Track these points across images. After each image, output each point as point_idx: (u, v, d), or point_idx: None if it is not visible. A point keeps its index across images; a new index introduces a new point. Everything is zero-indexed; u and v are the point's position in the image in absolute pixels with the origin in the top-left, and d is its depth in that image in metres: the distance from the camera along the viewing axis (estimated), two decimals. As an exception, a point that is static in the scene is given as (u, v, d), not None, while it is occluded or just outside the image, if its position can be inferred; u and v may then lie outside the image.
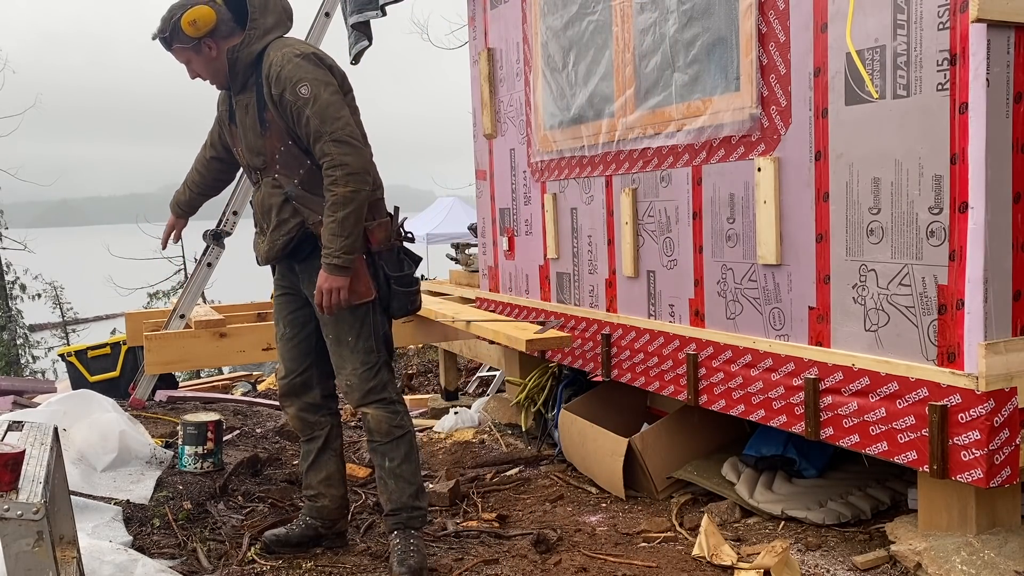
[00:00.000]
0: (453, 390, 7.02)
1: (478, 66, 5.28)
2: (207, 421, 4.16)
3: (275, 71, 2.93)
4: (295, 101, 2.90)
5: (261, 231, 3.22)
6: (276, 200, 3.08)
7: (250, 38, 3.01)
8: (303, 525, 3.30)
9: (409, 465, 3.12)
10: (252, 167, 3.16)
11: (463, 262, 6.93)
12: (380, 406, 3.10)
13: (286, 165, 3.04)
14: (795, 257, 3.14)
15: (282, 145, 3.02)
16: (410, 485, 3.11)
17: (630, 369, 4.06)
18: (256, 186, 3.19)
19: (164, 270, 23.39)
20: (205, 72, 3.10)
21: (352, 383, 3.09)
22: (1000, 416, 2.54)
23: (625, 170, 4.02)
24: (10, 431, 2.23)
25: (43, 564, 1.88)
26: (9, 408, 5.40)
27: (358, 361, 3.08)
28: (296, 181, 3.04)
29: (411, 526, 3.10)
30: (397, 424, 3.11)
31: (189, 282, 5.46)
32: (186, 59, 3.07)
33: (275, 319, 3.36)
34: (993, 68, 2.47)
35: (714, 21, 3.40)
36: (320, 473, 3.30)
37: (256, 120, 3.05)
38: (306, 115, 2.90)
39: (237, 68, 3.03)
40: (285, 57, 2.95)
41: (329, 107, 2.91)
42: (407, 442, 3.13)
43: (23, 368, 21.29)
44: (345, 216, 2.89)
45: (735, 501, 3.48)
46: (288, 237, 3.08)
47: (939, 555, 2.66)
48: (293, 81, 2.91)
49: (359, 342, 3.07)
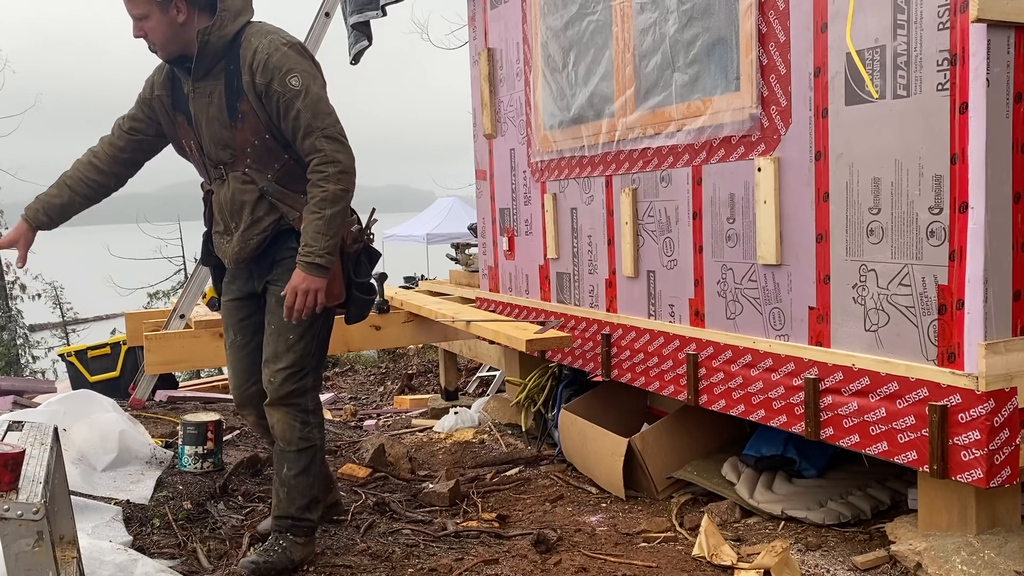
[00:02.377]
0: (453, 390, 7.03)
1: (478, 66, 5.28)
2: (207, 421, 4.16)
3: (261, 58, 2.74)
4: (284, 92, 2.74)
5: (226, 231, 3.00)
6: (249, 197, 2.89)
7: (223, 19, 2.78)
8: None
9: (306, 478, 3.02)
10: (215, 161, 2.92)
11: (463, 262, 6.93)
12: (291, 411, 2.99)
13: (259, 159, 2.86)
14: (795, 257, 3.14)
15: (256, 139, 2.84)
16: (302, 497, 3.02)
17: (630, 369, 4.06)
18: (218, 181, 2.97)
19: (164, 270, 23.41)
20: (159, 34, 2.77)
21: (274, 380, 2.96)
22: (1000, 416, 2.54)
23: (625, 170, 4.02)
24: (10, 431, 2.23)
25: (43, 564, 1.88)
26: (9, 408, 5.40)
27: (290, 361, 2.96)
28: (270, 176, 2.87)
29: (293, 531, 3.02)
30: (304, 436, 3.01)
31: (189, 282, 5.47)
32: (145, 12, 2.74)
33: (224, 326, 3.20)
34: (993, 68, 2.47)
35: (714, 21, 3.40)
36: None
37: (223, 110, 2.82)
38: (296, 107, 2.75)
39: (207, 52, 2.78)
40: (272, 44, 2.77)
41: (320, 102, 2.78)
42: (310, 455, 3.02)
43: (23, 368, 21.27)
44: (333, 215, 2.76)
45: (735, 501, 3.48)
46: (263, 236, 2.92)
47: (939, 555, 2.66)
48: (283, 71, 2.74)
49: (299, 343, 2.95)
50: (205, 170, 3.02)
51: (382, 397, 8.82)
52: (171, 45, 2.80)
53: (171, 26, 2.76)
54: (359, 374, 10.48)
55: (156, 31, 2.77)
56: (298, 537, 3.02)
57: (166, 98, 2.99)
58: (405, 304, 5.57)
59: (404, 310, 5.53)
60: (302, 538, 3.03)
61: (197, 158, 3.01)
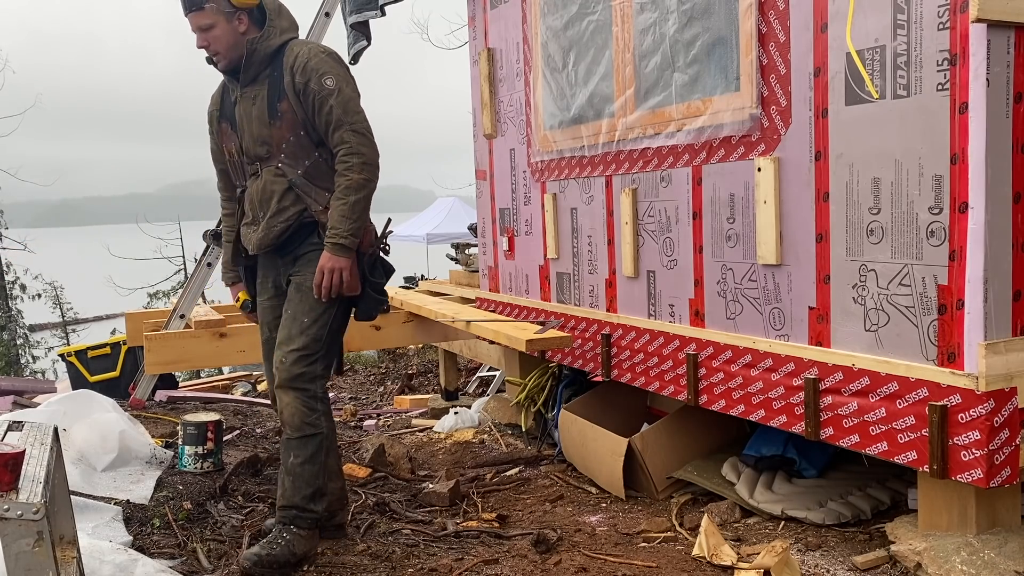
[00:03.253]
0: (453, 390, 7.02)
1: (478, 66, 5.28)
2: (207, 421, 4.16)
3: (302, 61, 3.05)
4: (319, 90, 3.03)
5: (253, 220, 3.23)
6: (278, 187, 3.13)
7: (269, 33, 3.12)
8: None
9: (312, 467, 3.09)
10: (252, 158, 3.18)
11: (463, 262, 6.93)
12: (300, 396, 3.08)
13: (292, 155, 3.11)
14: (795, 257, 3.14)
15: (292, 135, 3.10)
16: (307, 487, 3.08)
17: (630, 369, 4.06)
18: (253, 177, 3.21)
19: (164, 270, 23.42)
20: (223, 43, 3.09)
21: (285, 361, 3.09)
22: (1000, 416, 2.54)
23: (625, 170, 4.02)
24: (10, 431, 2.23)
25: (43, 564, 1.88)
26: (9, 408, 5.41)
27: (300, 343, 3.09)
28: (300, 171, 3.11)
29: (296, 524, 3.07)
30: (311, 422, 3.09)
31: (189, 282, 5.47)
32: (211, 23, 3.06)
33: (260, 323, 3.41)
34: (993, 68, 2.47)
35: (714, 21, 3.40)
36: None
37: (265, 110, 3.12)
38: (330, 104, 3.03)
39: (253, 59, 3.11)
40: (312, 51, 3.10)
41: (351, 101, 3.07)
42: (316, 443, 3.10)
43: (23, 368, 21.28)
44: (356, 200, 3.02)
45: (735, 501, 3.48)
46: (287, 224, 3.13)
47: (939, 555, 2.66)
48: (320, 72, 3.04)
49: (312, 327, 3.10)
50: (241, 170, 3.27)
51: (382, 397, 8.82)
52: (232, 52, 3.12)
53: (234, 35, 3.09)
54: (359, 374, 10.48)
55: (220, 40, 3.09)
56: (301, 529, 3.06)
57: (216, 111, 3.33)
58: (405, 304, 5.57)
59: (404, 310, 5.53)
60: (305, 531, 3.07)
61: (236, 160, 3.27)
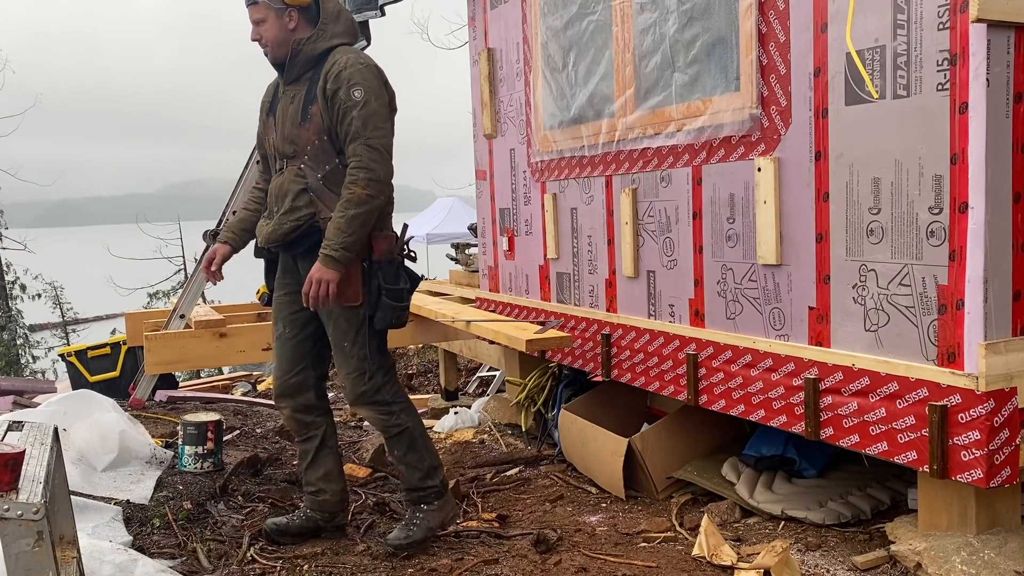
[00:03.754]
0: (453, 390, 7.02)
1: (478, 66, 5.28)
2: (207, 421, 4.16)
3: (337, 69, 3.09)
4: (346, 100, 3.07)
5: (269, 214, 3.32)
6: (295, 187, 3.19)
7: (318, 35, 3.16)
8: (303, 517, 3.43)
9: (414, 454, 3.32)
10: (280, 154, 3.26)
11: (463, 262, 6.93)
12: (373, 408, 3.28)
13: (314, 158, 3.17)
14: (795, 257, 3.14)
15: (316, 139, 3.15)
16: (418, 471, 3.32)
17: (630, 369, 4.06)
18: (279, 172, 3.29)
19: (164, 270, 23.42)
20: (273, 37, 3.17)
21: (347, 385, 3.29)
22: (1000, 416, 2.54)
23: (625, 170, 4.02)
24: (10, 431, 2.23)
25: (43, 564, 1.88)
26: (9, 408, 5.41)
27: (352, 366, 3.25)
28: (319, 175, 3.17)
29: (423, 501, 3.32)
30: (392, 424, 3.29)
31: (189, 282, 5.47)
32: (263, 16, 3.15)
33: (274, 319, 3.45)
34: (993, 68, 2.47)
35: (714, 21, 3.40)
36: (319, 470, 3.43)
37: (299, 110, 3.18)
38: (352, 115, 3.06)
39: (297, 59, 3.17)
40: (351, 61, 3.12)
41: (375, 115, 3.08)
42: (407, 436, 3.31)
43: (23, 368, 21.28)
44: (355, 215, 3.04)
45: (735, 501, 3.48)
46: (295, 224, 3.18)
47: (939, 555, 2.66)
48: (351, 82, 3.07)
49: (354, 348, 3.23)
50: (273, 163, 3.35)
51: (382, 397, 8.80)
52: (279, 48, 3.18)
53: (283, 31, 3.15)
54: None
55: (269, 34, 3.17)
56: (430, 504, 3.32)
57: (267, 102, 3.40)
58: (405, 304, 5.55)
59: (404, 310, 5.52)
60: (434, 503, 3.33)
61: (272, 153, 3.34)
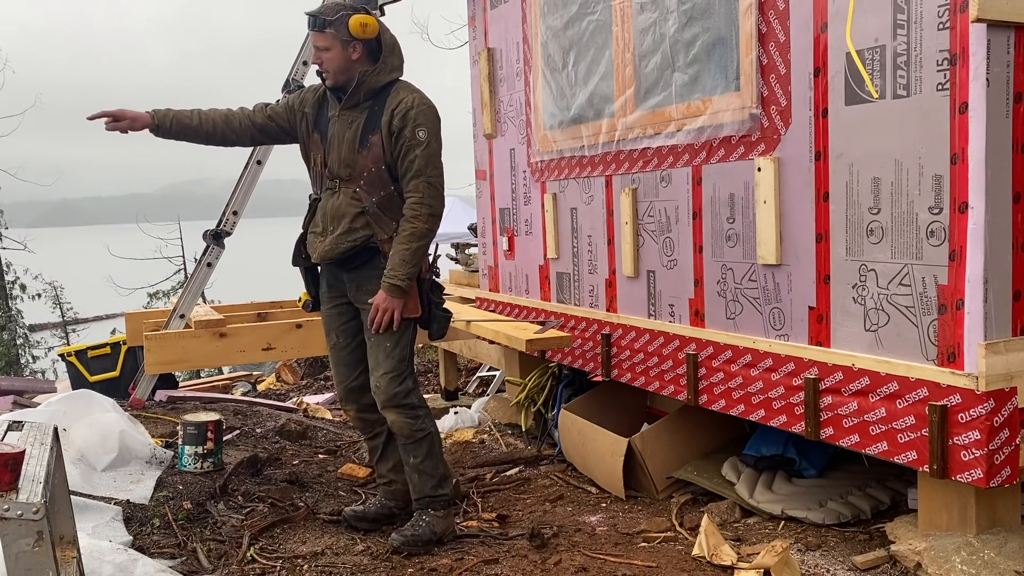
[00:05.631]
0: (453, 390, 7.02)
1: (478, 66, 5.28)
2: (207, 421, 4.15)
3: (404, 107, 3.29)
4: (411, 138, 3.28)
5: (323, 232, 3.45)
6: (352, 210, 3.36)
7: (381, 69, 3.36)
8: (379, 505, 3.65)
9: (430, 461, 3.43)
10: (334, 175, 3.40)
11: (463, 262, 6.93)
12: (402, 411, 3.38)
13: (370, 183, 3.34)
14: (795, 257, 3.14)
15: (374, 166, 3.33)
16: (431, 478, 3.42)
17: (630, 369, 4.06)
18: (330, 192, 3.43)
19: (164, 270, 23.41)
20: (336, 67, 3.32)
21: (381, 385, 3.38)
22: (1000, 416, 2.54)
23: (625, 170, 4.02)
24: (10, 431, 2.23)
25: (43, 564, 1.88)
26: (9, 408, 5.40)
27: (390, 367, 3.37)
28: (375, 199, 3.34)
29: (432, 507, 3.40)
30: (418, 428, 3.40)
31: (189, 282, 5.47)
32: (328, 45, 3.31)
33: (327, 330, 3.62)
34: (993, 68, 2.47)
35: (714, 21, 3.40)
36: (389, 463, 3.65)
37: (357, 137, 3.35)
38: (416, 153, 3.28)
39: (361, 89, 3.34)
40: (417, 100, 3.33)
41: (435, 156, 3.33)
42: (428, 442, 3.42)
43: (23, 368, 21.28)
44: (418, 248, 3.28)
45: (735, 501, 3.48)
46: (352, 244, 3.36)
47: (939, 555, 2.66)
48: (416, 123, 3.28)
49: (395, 350, 3.37)
50: (320, 181, 3.50)
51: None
52: (340, 76, 3.35)
53: (346, 61, 3.32)
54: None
55: (333, 62, 3.32)
56: (437, 511, 3.40)
57: (311, 117, 3.52)
58: (405, 304, 5.55)
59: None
60: (441, 511, 3.41)
61: (318, 170, 3.50)
